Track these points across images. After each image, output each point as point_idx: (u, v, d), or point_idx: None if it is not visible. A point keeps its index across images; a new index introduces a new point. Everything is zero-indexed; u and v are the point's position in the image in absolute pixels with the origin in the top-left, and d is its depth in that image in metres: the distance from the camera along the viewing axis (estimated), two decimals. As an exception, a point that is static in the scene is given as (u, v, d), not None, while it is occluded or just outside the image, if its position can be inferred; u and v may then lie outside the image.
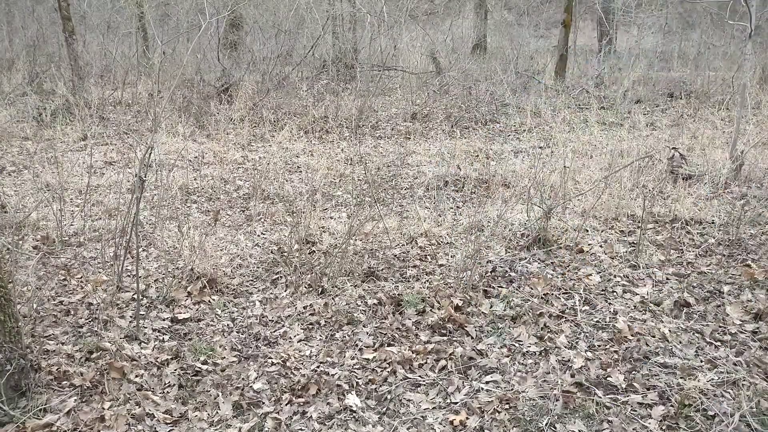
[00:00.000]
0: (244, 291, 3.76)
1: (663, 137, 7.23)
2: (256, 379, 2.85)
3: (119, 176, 5.96)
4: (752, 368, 2.84)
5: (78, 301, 3.54)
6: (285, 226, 4.76)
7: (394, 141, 7.87)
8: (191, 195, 5.67)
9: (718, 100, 9.23)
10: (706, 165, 5.93)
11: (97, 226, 4.71)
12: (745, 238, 4.34)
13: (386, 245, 4.35)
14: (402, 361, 2.94)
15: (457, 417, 2.54)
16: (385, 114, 9.30)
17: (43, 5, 14.33)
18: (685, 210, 4.81)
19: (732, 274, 3.84)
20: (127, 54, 12.48)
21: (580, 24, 16.76)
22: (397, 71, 11.20)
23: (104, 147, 7.38)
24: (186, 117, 8.38)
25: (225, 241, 4.50)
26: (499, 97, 9.51)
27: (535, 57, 13.47)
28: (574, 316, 3.36)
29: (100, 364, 2.82)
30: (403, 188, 5.88)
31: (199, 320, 3.40)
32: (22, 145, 7.20)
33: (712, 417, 2.51)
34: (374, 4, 11.84)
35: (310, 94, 9.51)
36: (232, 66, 10.24)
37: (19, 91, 9.69)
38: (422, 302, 3.48)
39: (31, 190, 5.50)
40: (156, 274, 3.95)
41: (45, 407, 2.53)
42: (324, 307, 3.49)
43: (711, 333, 3.16)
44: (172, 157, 6.58)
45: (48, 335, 3.14)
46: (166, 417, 2.55)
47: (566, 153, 6.52)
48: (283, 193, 5.61)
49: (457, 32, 15.48)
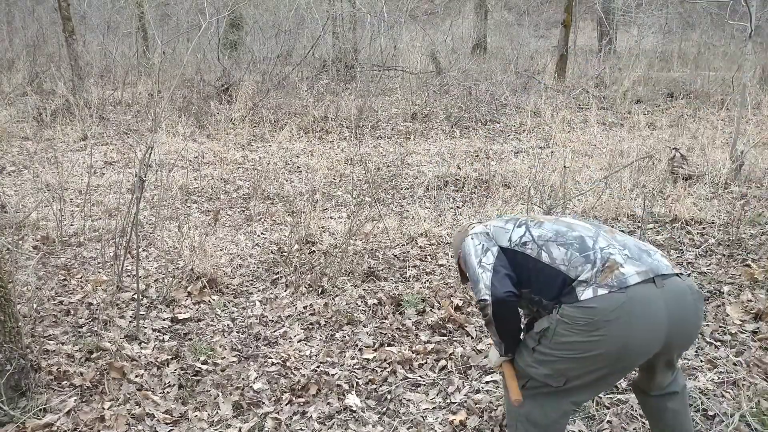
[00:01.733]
0: (244, 291, 3.76)
1: (663, 137, 7.23)
2: (256, 379, 2.85)
3: (119, 176, 5.96)
4: (752, 368, 2.84)
5: (78, 301, 3.54)
6: (285, 226, 4.76)
7: (394, 141, 7.87)
8: (191, 195, 5.67)
9: (718, 100, 9.23)
10: (706, 165, 5.92)
11: (97, 226, 4.71)
12: (745, 238, 4.34)
13: (386, 245, 4.35)
14: (402, 361, 2.94)
15: (457, 417, 2.54)
16: (385, 114, 9.30)
17: (43, 5, 14.34)
18: (685, 210, 4.81)
19: (732, 274, 3.84)
20: (127, 54, 12.48)
21: (580, 24, 16.77)
22: (397, 71, 11.20)
23: (104, 147, 7.38)
24: (186, 117, 8.39)
25: (225, 241, 4.50)
26: (499, 97, 9.51)
27: (535, 57, 13.47)
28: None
29: (100, 364, 2.82)
30: (403, 188, 5.88)
31: (199, 320, 3.40)
32: (22, 145, 7.20)
33: (712, 417, 2.51)
34: (374, 4, 11.84)
35: (310, 94, 9.51)
36: (232, 66, 10.24)
37: (19, 91, 9.69)
38: (422, 302, 3.48)
39: (31, 190, 5.50)
40: (156, 274, 3.95)
41: (45, 407, 2.53)
42: (324, 307, 3.49)
43: (711, 333, 3.16)
44: (172, 157, 6.58)
45: (48, 335, 3.14)
46: (166, 417, 2.55)
47: (566, 153, 6.51)
48: (283, 193, 5.61)
49: (457, 32, 15.48)
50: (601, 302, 1.70)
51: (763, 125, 7.51)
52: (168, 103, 8.71)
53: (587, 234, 1.86)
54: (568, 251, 1.80)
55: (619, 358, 1.74)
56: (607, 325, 1.70)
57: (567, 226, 1.90)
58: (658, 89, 10.58)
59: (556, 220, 1.96)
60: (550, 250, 1.83)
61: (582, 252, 1.80)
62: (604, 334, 1.70)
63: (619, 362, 1.76)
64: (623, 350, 1.72)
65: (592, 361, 1.75)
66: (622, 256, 1.77)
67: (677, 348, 1.87)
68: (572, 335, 1.74)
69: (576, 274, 1.77)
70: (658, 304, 1.72)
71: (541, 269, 1.83)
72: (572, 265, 1.78)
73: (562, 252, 1.81)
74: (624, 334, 1.70)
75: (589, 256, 1.78)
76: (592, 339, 1.72)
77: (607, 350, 1.72)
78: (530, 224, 1.92)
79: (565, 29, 11.62)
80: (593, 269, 1.75)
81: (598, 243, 1.81)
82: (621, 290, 1.70)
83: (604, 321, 1.70)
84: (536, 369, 1.85)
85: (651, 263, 1.78)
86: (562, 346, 1.77)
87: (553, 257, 1.82)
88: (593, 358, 1.75)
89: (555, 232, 1.87)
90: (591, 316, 1.71)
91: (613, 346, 1.71)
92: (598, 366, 1.77)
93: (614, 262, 1.75)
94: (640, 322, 1.70)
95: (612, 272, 1.73)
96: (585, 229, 1.89)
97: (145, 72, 10.90)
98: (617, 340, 1.70)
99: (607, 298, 1.70)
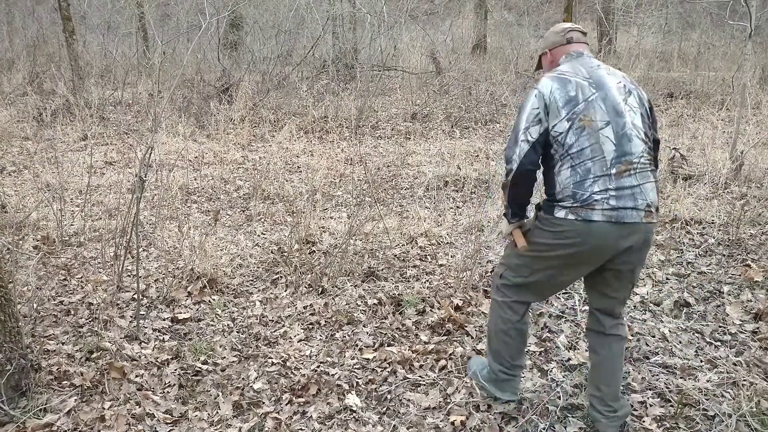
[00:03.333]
0: (244, 291, 3.76)
1: (663, 137, 7.23)
2: (256, 379, 2.85)
3: (119, 176, 5.97)
4: (752, 368, 2.84)
5: (78, 301, 3.54)
6: (285, 226, 4.76)
7: (394, 141, 7.87)
8: (191, 195, 5.68)
9: (718, 100, 9.23)
10: (706, 165, 5.93)
11: (97, 226, 4.71)
12: (745, 238, 4.34)
13: (386, 245, 4.35)
14: (402, 361, 2.94)
15: (457, 417, 2.54)
16: (385, 114, 9.30)
17: (43, 5, 14.35)
18: (685, 210, 4.81)
19: (732, 274, 3.84)
20: (127, 54, 12.49)
21: (580, 24, 16.74)
22: (397, 71, 11.20)
23: (104, 147, 7.39)
24: (186, 117, 8.39)
25: (225, 241, 4.50)
26: (499, 97, 9.51)
27: (535, 57, 13.41)
28: (574, 316, 3.36)
29: (100, 364, 2.82)
30: (403, 188, 5.88)
31: (199, 320, 3.40)
32: (22, 145, 7.20)
33: (712, 417, 2.51)
34: (374, 4, 11.84)
35: (310, 94, 9.51)
36: (232, 66, 10.24)
37: (20, 91, 9.70)
38: (422, 302, 3.49)
39: (31, 190, 5.50)
40: (156, 274, 3.95)
41: (45, 407, 2.53)
42: (324, 307, 3.49)
43: (711, 333, 3.17)
44: (172, 157, 6.58)
45: (48, 335, 3.14)
46: (166, 417, 2.55)
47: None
48: (283, 193, 5.61)
49: (457, 32, 15.48)
50: (567, 224, 2.18)
51: (763, 125, 7.51)
52: (168, 103, 8.72)
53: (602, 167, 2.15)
54: (570, 179, 2.18)
55: (568, 264, 2.26)
56: (566, 239, 2.19)
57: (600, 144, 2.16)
58: (658, 89, 10.57)
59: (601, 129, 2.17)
60: (562, 166, 2.20)
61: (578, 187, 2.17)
62: (563, 243, 2.20)
63: (568, 267, 2.28)
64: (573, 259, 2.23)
65: (551, 261, 2.28)
66: (603, 202, 2.14)
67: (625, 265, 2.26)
68: (541, 238, 2.28)
69: (561, 197, 2.21)
70: (612, 236, 2.16)
71: (549, 170, 2.27)
72: (564, 191, 2.20)
73: (566, 174, 2.19)
74: (577, 249, 2.19)
75: (577, 193, 2.17)
76: (554, 244, 2.23)
77: (562, 255, 2.23)
78: (574, 125, 2.18)
79: (565, 29, 11.61)
80: (574, 202, 2.17)
81: (597, 184, 2.15)
82: (585, 222, 2.15)
83: (565, 236, 2.19)
84: (513, 259, 2.41)
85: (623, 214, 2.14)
86: (533, 245, 2.31)
87: (560, 174, 2.21)
88: (552, 258, 2.27)
89: (579, 151, 2.17)
90: (557, 229, 2.21)
91: (567, 253, 2.22)
92: (553, 265, 2.29)
93: (592, 204, 2.14)
94: (592, 245, 2.17)
95: (585, 209, 2.15)
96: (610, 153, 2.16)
97: (145, 72, 10.90)
98: (571, 249, 2.20)
99: (572, 223, 2.17)
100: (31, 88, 9.47)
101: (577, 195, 2.17)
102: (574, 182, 2.18)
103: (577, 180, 2.17)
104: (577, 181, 2.17)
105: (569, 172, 2.18)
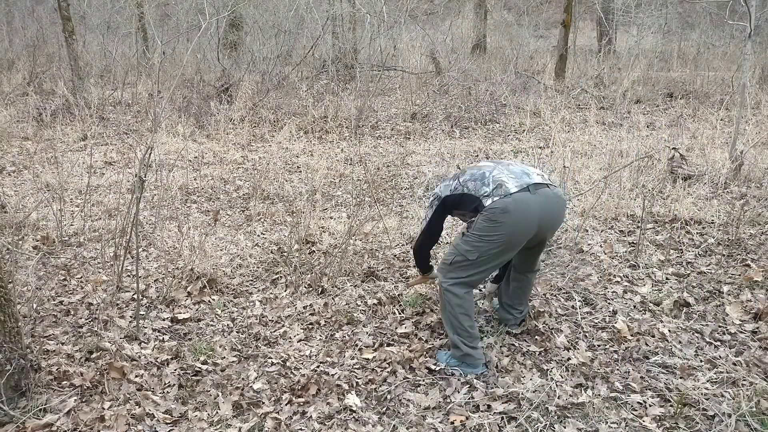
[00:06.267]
0: (244, 291, 3.76)
1: (662, 137, 7.23)
2: (256, 379, 2.85)
3: (119, 176, 5.97)
4: (752, 368, 2.84)
5: (78, 301, 3.54)
6: (285, 226, 4.76)
7: (394, 141, 7.87)
8: (191, 195, 5.68)
9: (717, 100, 9.24)
10: (705, 165, 5.93)
11: (97, 226, 4.71)
12: (745, 238, 4.34)
13: (386, 245, 4.36)
14: (402, 361, 2.95)
15: (457, 417, 2.54)
16: (384, 114, 9.30)
17: (43, 5, 14.36)
18: (685, 210, 4.82)
19: (732, 274, 3.84)
20: (127, 54, 12.49)
21: (579, 24, 16.78)
22: (396, 71, 11.20)
23: (104, 147, 7.39)
24: (186, 117, 8.39)
25: (225, 241, 4.50)
26: (499, 97, 9.52)
27: (535, 57, 13.48)
28: (574, 316, 3.36)
29: (100, 364, 2.82)
30: (403, 188, 5.88)
31: (199, 320, 3.40)
32: (22, 145, 7.20)
33: (712, 417, 2.51)
34: (374, 4, 11.85)
35: (309, 94, 9.51)
36: (232, 66, 10.25)
37: (19, 91, 9.70)
38: (422, 302, 3.48)
39: (31, 190, 5.50)
40: (156, 274, 3.95)
41: (45, 407, 2.53)
42: (324, 307, 3.49)
43: (710, 333, 3.17)
44: (172, 157, 6.59)
45: (48, 335, 3.15)
46: (166, 417, 2.55)
47: (566, 153, 6.52)
48: (282, 193, 5.61)
49: (457, 32, 15.49)
50: (497, 205, 2.70)
51: (763, 125, 7.51)
52: (168, 103, 8.72)
53: (488, 170, 2.84)
54: (476, 183, 2.82)
55: (509, 240, 2.74)
56: (502, 218, 2.69)
57: (478, 168, 2.89)
58: (658, 89, 10.58)
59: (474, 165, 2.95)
60: (468, 186, 2.84)
61: (484, 182, 2.79)
62: (501, 223, 2.70)
63: (510, 242, 2.75)
64: (512, 233, 2.73)
65: (494, 241, 2.73)
66: (507, 177, 2.76)
67: (547, 231, 2.90)
68: (484, 225, 2.74)
69: (482, 193, 2.77)
70: (531, 203, 2.72)
71: (467, 196, 2.85)
72: (480, 191, 2.79)
73: (474, 185, 2.82)
74: (512, 223, 2.70)
75: (487, 182, 2.78)
76: (494, 226, 2.71)
77: (503, 234, 2.71)
78: (459, 175, 2.93)
79: (565, 29, 11.62)
80: (491, 189, 2.75)
81: (493, 174, 2.80)
82: (506, 196, 2.70)
83: (500, 215, 2.69)
84: (463, 246, 2.82)
85: (526, 180, 2.75)
86: (478, 232, 2.76)
87: (470, 189, 2.83)
88: (495, 238, 2.73)
89: (470, 175, 2.87)
90: (492, 213, 2.71)
91: (506, 231, 2.71)
92: (498, 244, 2.74)
93: (501, 182, 2.74)
94: (520, 215, 2.70)
95: (501, 188, 2.73)
96: (487, 166, 2.87)
97: (145, 72, 10.90)
98: (508, 227, 2.71)
99: (499, 202, 2.71)
100: (31, 88, 9.48)
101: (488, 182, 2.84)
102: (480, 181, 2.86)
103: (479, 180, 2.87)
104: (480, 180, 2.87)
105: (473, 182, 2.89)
